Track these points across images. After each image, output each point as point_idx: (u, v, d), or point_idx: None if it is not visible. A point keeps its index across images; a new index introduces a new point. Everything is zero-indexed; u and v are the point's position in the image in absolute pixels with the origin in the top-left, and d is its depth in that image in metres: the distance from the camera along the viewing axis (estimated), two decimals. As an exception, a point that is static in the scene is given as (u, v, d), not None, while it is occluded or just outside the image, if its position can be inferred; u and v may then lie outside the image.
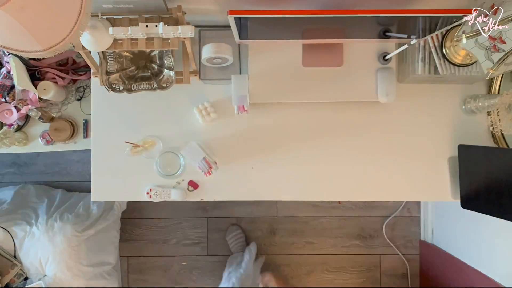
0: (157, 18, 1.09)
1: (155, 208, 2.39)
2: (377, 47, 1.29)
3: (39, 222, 1.84)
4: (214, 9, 1.23)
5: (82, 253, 1.85)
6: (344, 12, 0.98)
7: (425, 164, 1.39)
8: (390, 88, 1.28)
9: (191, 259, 2.38)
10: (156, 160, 1.33)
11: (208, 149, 1.37)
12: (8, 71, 1.49)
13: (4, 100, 1.50)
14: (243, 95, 1.27)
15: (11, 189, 2.20)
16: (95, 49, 1.10)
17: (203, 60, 1.24)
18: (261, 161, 1.39)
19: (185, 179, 1.38)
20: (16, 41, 0.79)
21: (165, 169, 1.34)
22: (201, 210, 2.38)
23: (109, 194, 1.41)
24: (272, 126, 1.40)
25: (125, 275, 2.38)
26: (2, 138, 1.53)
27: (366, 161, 1.40)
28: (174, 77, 1.26)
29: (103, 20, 1.07)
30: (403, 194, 1.41)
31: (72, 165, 2.39)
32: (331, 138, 1.39)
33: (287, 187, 1.40)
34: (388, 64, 1.29)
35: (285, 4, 1.12)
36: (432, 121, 1.39)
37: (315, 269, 2.38)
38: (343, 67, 1.29)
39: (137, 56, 1.30)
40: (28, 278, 1.81)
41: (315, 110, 1.39)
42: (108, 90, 1.25)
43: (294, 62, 1.29)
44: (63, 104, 1.61)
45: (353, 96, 1.31)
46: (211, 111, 1.36)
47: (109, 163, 1.38)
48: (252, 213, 2.37)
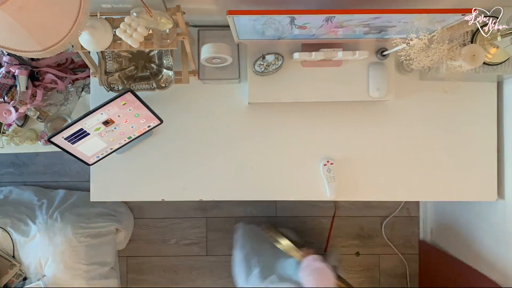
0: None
1: (154, 208, 2.39)
2: (376, 44, 1.28)
3: (39, 222, 1.83)
4: (213, 9, 1.23)
5: (82, 253, 1.85)
6: (344, 12, 0.98)
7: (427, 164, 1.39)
8: (381, 83, 1.28)
9: (190, 259, 2.38)
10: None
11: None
12: (8, 71, 1.48)
13: (3, 100, 1.50)
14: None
15: (11, 189, 2.20)
16: (94, 49, 1.10)
17: (202, 60, 1.24)
18: (260, 161, 1.39)
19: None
20: (15, 41, 0.79)
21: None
22: (200, 210, 2.38)
23: (108, 194, 1.41)
24: (271, 126, 1.39)
25: (124, 275, 2.37)
26: (13, 136, 1.53)
27: (367, 160, 1.40)
28: (173, 77, 1.26)
29: (102, 20, 1.07)
30: (403, 194, 1.42)
31: (71, 165, 2.39)
32: (331, 138, 1.39)
33: (286, 187, 1.40)
34: (386, 59, 1.29)
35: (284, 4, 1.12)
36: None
37: (314, 269, 2.37)
38: (342, 67, 1.29)
39: (136, 56, 1.30)
40: (27, 278, 1.81)
41: (315, 110, 1.38)
42: (107, 90, 1.25)
43: (294, 62, 1.29)
44: (62, 104, 1.60)
45: (353, 96, 1.31)
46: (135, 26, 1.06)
47: (108, 163, 1.37)
48: (251, 213, 2.37)
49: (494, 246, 1.57)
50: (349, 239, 2.37)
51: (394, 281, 2.36)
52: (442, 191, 1.41)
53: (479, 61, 1.11)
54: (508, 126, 1.40)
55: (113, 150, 1.30)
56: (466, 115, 1.39)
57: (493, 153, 1.41)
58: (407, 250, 2.36)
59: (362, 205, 2.37)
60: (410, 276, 2.34)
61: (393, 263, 2.36)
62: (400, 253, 2.34)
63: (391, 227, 2.36)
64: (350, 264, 2.37)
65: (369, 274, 2.37)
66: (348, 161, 1.39)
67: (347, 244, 2.37)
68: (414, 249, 2.35)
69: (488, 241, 1.61)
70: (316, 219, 2.37)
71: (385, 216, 2.35)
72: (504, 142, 1.41)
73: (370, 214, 2.36)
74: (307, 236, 2.36)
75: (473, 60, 1.11)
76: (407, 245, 2.36)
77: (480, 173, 1.41)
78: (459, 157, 1.40)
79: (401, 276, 2.36)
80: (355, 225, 2.37)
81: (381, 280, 2.37)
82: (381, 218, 2.36)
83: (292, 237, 1.68)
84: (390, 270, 2.36)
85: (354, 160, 1.39)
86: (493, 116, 1.41)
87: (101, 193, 1.41)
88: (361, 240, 2.37)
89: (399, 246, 2.35)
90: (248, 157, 1.39)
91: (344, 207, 2.37)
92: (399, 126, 1.39)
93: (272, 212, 2.37)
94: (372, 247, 2.37)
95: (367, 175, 1.39)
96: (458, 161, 1.40)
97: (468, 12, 0.95)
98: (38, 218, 1.87)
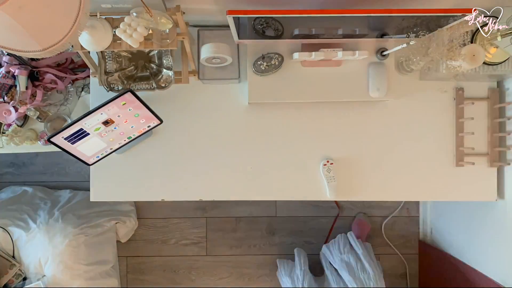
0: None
1: (154, 208, 2.39)
2: (375, 44, 1.28)
3: (40, 222, 1.83)
4: (213, 9, 1.22)
5: (82, 253, 1.85)
6: (343, 12, 0.98)
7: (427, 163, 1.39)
8: (381, 83, 1.28)
9: (190, 259, 2.38)
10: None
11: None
12: (7, 71, 1.48)
13: (3, 100, 1.50)
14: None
15: (11, 189, 2.20)
16: (94, 49, 1.10)
17: (202, 60, 1.24)
18: (260, 161, 1.39)
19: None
20: (15, 41, 0.79)
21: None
22: (200, 210, 2.38)
23: (108, 194, 1.41)
24: (271, 126, 1.39)
25: (124, 275, 2.37)
26: (13, 136, 1.53)
27: (366, 160, 1.40)
28: (173, 77, 1.26)
29: (102, 20, 1.07)
30: (403, 194, 1.42)
31: (71, 165, 2.39)
32: (331, 138, 1.39)
33: (286, 187, 1.40)
34: (386, 59, 1.29)
35: (284, 3, 1.12)
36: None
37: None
38: (342, 67, 1.29)
39: (136, 56, 1.30)
40: (27, 278, 1.81)
41: (315, 110, 1.38)
42: (107, 90, 1.25)
43: (294, 62, 1.29)
44: (61, 104, 1.60)
45: (353, 96, 1.31)
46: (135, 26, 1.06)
47: (108, 163, 1.37)
48: (251, 212, 2.37)
49: (494, 246, 1.57)
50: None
51: (394, 281, 2.36)
52: (442, 191, 1.41)
53: (479, 61, 1.12)
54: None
55: (113, 150, 1.30)
56: (466, 115, 1.39)
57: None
58: (407, 250, 2.36)
59: (362, 205, 2.37)
60: (410, 276, 2.34)
61: (393, 263, 2.36)
62: (400, 253, 2.34)
63: (391, 227, 2.36)
64: (350, 264, 2.37)
65: (369, 274, 2.37)
66: (348, 161, 1.39)
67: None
68: (414, 249, 2.35)
69: (488, 241, 1.61)
70: (316, 219, 2.37)
71: (385, 216, 2.35)
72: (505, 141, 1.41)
73: (370, 214, 2.36)
74: (307, 236, 2.37)
75: (473, 60, 1.11)
76: (407, 245, 2.36)
77: (480, 173, 1.40)
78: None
79: (401, 276, 2.36)
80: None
81: (381, 280, 2.37)
82: (381, 218, 2.36)
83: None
84: (390, 270, 2.36)
85: (354, 160, 1.39)
86: (493, 116, 1.41)
87: (101, 193, 1.40)
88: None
89: (399, 246, 2.35)
90: (248, 157, 1.39)
91: (344, 207, 2.37)
92: (399, 126, 1.39)
93: (272, 212, 2.37)
94: (372, 247, 2.37)
95: (367, 175, 1.39)
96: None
97: (468, 12, 0.95)
98: (40, 218, 1.87)
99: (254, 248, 2.36)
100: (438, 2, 1.13)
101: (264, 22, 1.12)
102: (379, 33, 1.15)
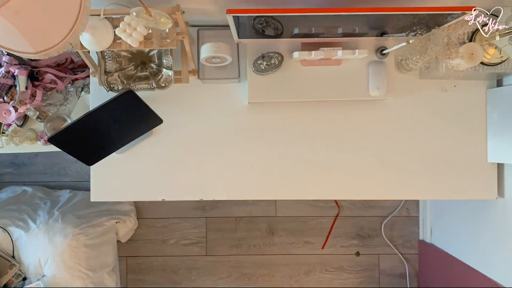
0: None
1: (154, 208, 2.38)
2: (375, 43, 1.29)
3: (40, 222, 1.83)
4: (212, 9, 1.22)
5: (82, 253, 1.85)
6: (342, 11, 0.98)
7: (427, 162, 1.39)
8: (381, 81, 1.28)
9: (190, 259, 2.38)
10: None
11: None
12: (7, 71, 1.48)
13: (3, 100, 1.50)
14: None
15: (11, 189, 2.19)
16: (95, 49, 1.10)
17: (202, 59, 1.24)
18: (260, 161, 1.39)
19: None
20: (11, 42, 0.79)
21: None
22: (200, 210, 2.38)
23: (108, 194, 1.41)
24: (271, 126, 1.39)
25: (123, 275, 2.37)
26: (12, 136, 1.53)
27: (366, 159, 1.40)
28: (172, 77, 1.26)
29: (103, 20, 1.07)
30: (403, 193, 1.42)
31: (71, 165, 2.39)
32: (331, 137, 1.40)
33: (286, 187, 1.40)
34: (386, 58, 1.29)
35: (283, 2, 1.12)
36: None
37: (314, 269, 2.37)
38: (342, 66, 1.29)
39: (136, 56, 1.30)
40: (26, 278, 1.80)
41: (315, 109, 1.39)
42: (107, 90, 1.25)
43: (294, 62, 1.29)
44: (61, 104, 1.60)
45: (353, 95, 1.31)
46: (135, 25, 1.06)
47: (108, 163, 1.37)
48: (251, 212, 2.37)
49: (494, 246, 1.57)
50: (349, 239, 2.37)
51: (394, 281, 2.36)
52: (442, 190, 1.41)
53: (477, 59, 1.12)
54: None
55: (113, 149, 1.30)
56: (466, 113, 1.39)
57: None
58: (406, 250, 2.36)
59: (362, 205, 2.37)
60: (410, 276, 2.34)
61: (393, 263, 2.36)
62: (400, 253, 2.34)
63: (391, 227, 2.36)
64: (350, 264, 2.37)
65: (369, 274, 2.37)
66: (348, 160, 1.39)
67: (347, 244, 2.37)
68: (414, 249, 2.35)
69: (488, 241, 1.61)
70: (316, 219, 2.37)
71: (385, 216, 2.35)
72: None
73: (370, 214, 2.36)
74: (306, 236, 2.37)
75: (471, 58, 1.11)
76: (407, 245, 2.36)
77: (480, 171, 1.41)
78: (459, 156, 1.40)
79: (401, 276, 2.36)
80: (355, 225, 2.37)
81: (381, 280, 2.37)
82: (381, 218, 2.36)
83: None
84: (390, 270, 2.36)
85: (354, 159, 1.39)
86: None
87: (101, 193, 1.40)
88: (361, 240, 2.37)
89: (399, 246, 2.35)
90: (248, 156, 1.39)
91: (344, 207, 2.37)
92: (399, 125, 1.39)
93: (272, 212, 2.37)
94: (372, 247, 2.37)
95: (367, 174, 1.39)
96: (458, 160, 1.40)
97: (468, 10, 0.95)
98: (39, 218, 1.87)
99: (254, 248, 2.36)
100: (438, 2, 1.13)
101: (264, 21, 1.12)
102: (378, 31, 1.16)
